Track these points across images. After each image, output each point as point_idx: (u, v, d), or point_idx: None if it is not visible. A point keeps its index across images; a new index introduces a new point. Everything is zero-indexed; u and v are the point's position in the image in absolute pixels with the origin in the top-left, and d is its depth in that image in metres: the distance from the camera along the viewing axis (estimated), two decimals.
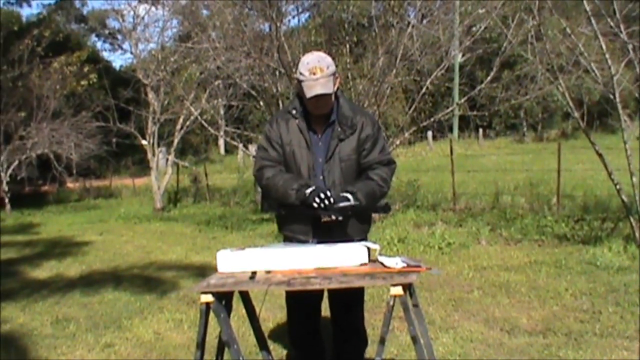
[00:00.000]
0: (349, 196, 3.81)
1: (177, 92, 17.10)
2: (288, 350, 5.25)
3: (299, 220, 3.99)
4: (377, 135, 4.02)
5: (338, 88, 4.00)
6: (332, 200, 3.74)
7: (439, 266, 8.25)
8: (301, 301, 4.07)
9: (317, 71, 3.77)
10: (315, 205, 3.74)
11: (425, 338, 3.80)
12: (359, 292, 4.14)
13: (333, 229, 3.93)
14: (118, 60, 79.34)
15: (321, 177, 3.94)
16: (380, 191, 3.98)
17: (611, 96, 9.15)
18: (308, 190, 3.78)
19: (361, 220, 4.05)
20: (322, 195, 3.73)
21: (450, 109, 15.01)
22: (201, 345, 3.63)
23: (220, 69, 14.09)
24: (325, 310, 4.26)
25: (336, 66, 4.10)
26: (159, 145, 20.22)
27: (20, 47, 21.20)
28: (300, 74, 3.83)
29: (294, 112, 4.00)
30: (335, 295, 4.07)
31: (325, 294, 4.15)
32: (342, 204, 3.77)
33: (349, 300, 4.11)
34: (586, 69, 9.91)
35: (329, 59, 3.88)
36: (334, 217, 3.83)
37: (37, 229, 16.33)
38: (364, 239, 4.04)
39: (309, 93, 3.79)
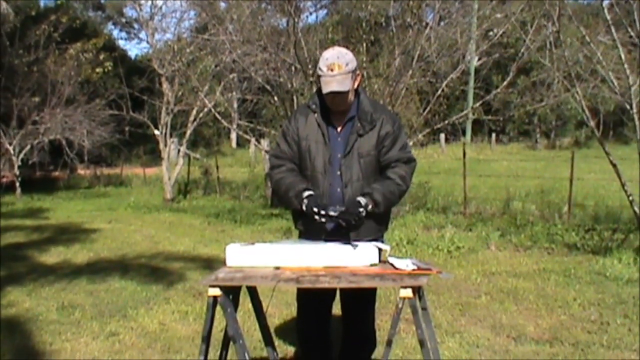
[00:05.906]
0: (362, 200, 3.74)
1: (191, 84, 17.06)
2: (293, 347, 5.25)
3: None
4: (398, 133, 3.96)
5: (359, 85, 3.96)
6: (323, 211, 3.65)
7: (447, 270, 8.20)
8: (312, 299, 4.03)
9: (335, 68, 3.74)
10: (316, 217, 3.68)
11: (433, 342, 3.77)
12: (371, 293, 4.13)
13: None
14: (134, 49, 79.08)
15: (339, 173, 3.89)
16: (398, 190, 3.91)
17: (628, 106, 9.09)
18: (305, 195, 3.76)
19: (377, 220, 3.97)
20: (317, 209, 3.66)
21: (465, 112, 14.99)
22: (207, 338, 3.62)
23: (236, 62, 14.09)
24: (335, 308, 4.23)
25: None
26: (171, 136, 20.18)
27: (37, 33, 21.19)
28: (319, 69, 3.81)
29: (313, 106, 3.97)
30: (347, 295, 4.05)
31: (338, 293, 4.12)
32: (336, 212, 3.65)
33: (360, 301, 4.09)
34: (603, 78, 9.85)
35: (349, 56, 3.83)
36: (342, 224, 3.71)
37: (46, 214, 16.32)
38: (379, 238, 3.99)
39: (325, 89, 3.77)
